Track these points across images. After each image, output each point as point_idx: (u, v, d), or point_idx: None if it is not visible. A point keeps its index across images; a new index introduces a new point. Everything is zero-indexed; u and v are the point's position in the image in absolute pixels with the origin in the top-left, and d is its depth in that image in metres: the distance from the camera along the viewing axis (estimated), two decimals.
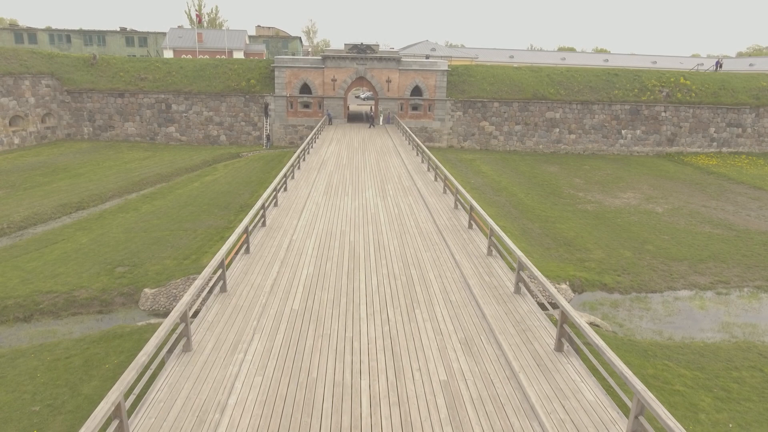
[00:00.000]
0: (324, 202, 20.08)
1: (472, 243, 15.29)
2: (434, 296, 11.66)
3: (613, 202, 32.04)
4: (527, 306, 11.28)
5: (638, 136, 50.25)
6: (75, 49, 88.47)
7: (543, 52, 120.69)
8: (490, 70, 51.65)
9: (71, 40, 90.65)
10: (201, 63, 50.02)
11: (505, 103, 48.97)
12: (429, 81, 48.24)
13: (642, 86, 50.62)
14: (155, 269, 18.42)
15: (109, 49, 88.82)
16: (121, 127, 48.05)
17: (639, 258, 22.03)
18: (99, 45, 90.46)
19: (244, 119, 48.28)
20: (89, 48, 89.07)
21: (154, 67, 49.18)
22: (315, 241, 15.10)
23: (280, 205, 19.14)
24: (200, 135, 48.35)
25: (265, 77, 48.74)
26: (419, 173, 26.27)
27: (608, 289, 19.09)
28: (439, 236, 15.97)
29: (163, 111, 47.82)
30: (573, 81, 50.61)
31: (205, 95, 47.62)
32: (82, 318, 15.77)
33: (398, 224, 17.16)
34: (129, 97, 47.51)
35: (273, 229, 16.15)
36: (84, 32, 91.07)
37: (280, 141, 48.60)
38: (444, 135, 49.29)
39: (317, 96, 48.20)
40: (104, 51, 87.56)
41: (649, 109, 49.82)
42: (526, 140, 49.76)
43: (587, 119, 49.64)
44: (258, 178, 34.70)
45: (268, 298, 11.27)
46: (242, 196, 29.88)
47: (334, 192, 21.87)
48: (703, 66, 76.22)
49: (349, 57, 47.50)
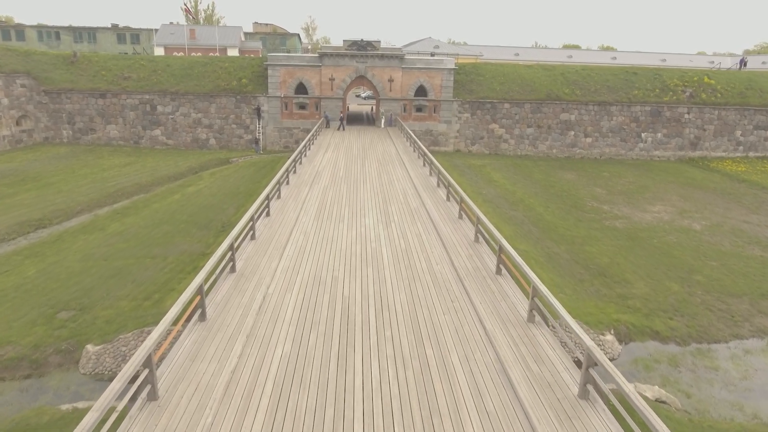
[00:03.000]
0: (314, 230, 16.56)
1: (505, 300, 11.60)
2: (461, 399, 8.02)
3: (644, 218, 28.56)
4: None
5: (659, 140, 46.71)
6: (65, 46, 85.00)
7: (549, 50, 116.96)
8: (500, 68, 48.11)
9: (61, 37, 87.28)
10: (189, 61, 46.53)
11: (516, 104, 45.44)
12: (434, 80, 44.72)
13: (663, 86, 47.06)
14: (106, 315, 15.00)
15: (100, 47, 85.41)
16: (103, 130, 44.59)
17: (689, 293, 18.57)
18: (90, 42, 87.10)
19: (235, 121, 44.81)
20: (79, 45, 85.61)
21: (138, 66, 45.69)
22: (298, 296, 11.57)
23: (260, 237, 15.49)
24: (188, 138, 44.88)
25: (258, 76, 45.25)
26: (428, 190, 22.64)
27: (661, 338, 15.63)
28: (460, 287, 12.35)
29: (147, 113, 44.35)
30: (589, 80, 47.07)
31: (193, 96, 44.15)
32: (2, 387, 12.37)
33: (406, 266, 13.62)
34: (111, 97, 44.03)
35: (244, 277, 12.44)
36: (74, 29, 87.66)
37: (274, 145, 45.13)
38: (450, 138, 45.80)
39: (314, 96, 44.71)
40: (95, 48, 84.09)
41: (671, 110, 46.27)
42: (539, 144, 46.25)
43: (604, 121, 46.10)
44: (246, 188, 31.25)
45: (217, 414, 7.46)
46: (226, 212, 26.45)
47: (327, 215, 18.28)
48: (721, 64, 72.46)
49: (349, 54, 43.99)
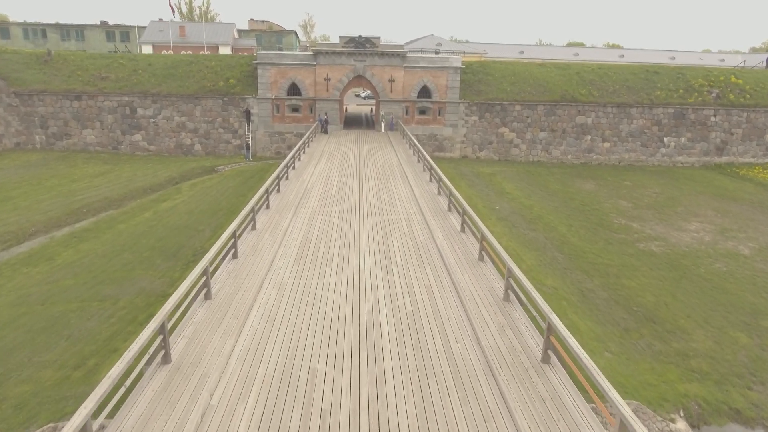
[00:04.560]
0: (293, 281, 12.54)
1: (564, 418, 7.43)
2: None
3: (681, 238, 24.95)
4: None
5: (683, 145, 43.06)
6: (52, 44, 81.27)
7: (554, 48, 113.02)
8: (510, 67, 44.44)
9: (47, 35, 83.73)
10: (172, 60, 42.90)
11: (528, 106, 41.78)
12: (439, 80, 41.07)
13: (687, 86, 43.39)
14: (18, 394, 11.43)
15: (88, 45, 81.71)
16: (79, 134, 41.00)
17: (761, 346, 14.97)
18: (77, 40, 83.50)
19: (222, 125, 41.20)
20: (67, 43, 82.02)
21: (117, 65, 42.08)
22: (254, 412, 7.53)
23: (217, 296, 11.26)
24: (171, 144, 41.28)
25: (247, 76, 41.62)
26: (437, 215, 18.75)
27: (744, 420, 12.05)
28: (491, 386, 8.36)
29: (127, 116, 40.75)
30: (607, 80, 43.40)
31: (176, 97, 40.53)
32: None
33: (414, 347, 9.61)
34: (87, 99, 40.43)
35: (181, 373, 8.25)
36: (61, 26, 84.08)
37: (265, 150, 41.53)
38: (456, 143, 42.15)
39: (308, 98, 41.08)
40: (83, 47, 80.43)
41: (696, 112, 42.60)
42: (553, 149, 42.61)
43: (624, 125, 42.44)
44: (229, 203, 27.67)
45: None
46: (201, 234, 22.88)
47: (312, 256, 14.35)
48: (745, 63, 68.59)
49: (346, 52, 40.35)
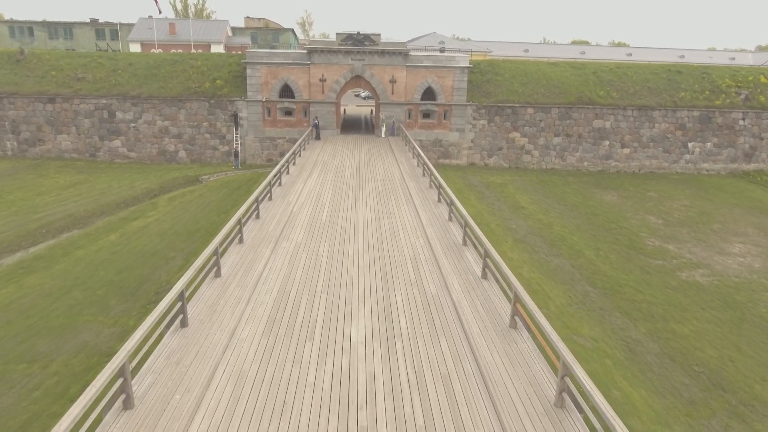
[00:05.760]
0: (257, 367, 8.89)
1: None
2: None
3: (727, 265, 21.64)
4: None
5: (708, 151, 39.71)
6: (39, 43, 78.13)
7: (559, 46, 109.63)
8: (521, 66, 41.09)
9: (34, 33, 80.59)
10: (155, 59, 39.58)
11: (541, 109, 38.44)
12: (445, 81, 37.72)
13: (713, 87, 40.03)
14: None
15: (77, 43, 78.45)
16: (53, 140, 37.72)
17: None
18: (66, 38, 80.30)
19: (209, 130, 37.89)
20: (55, 42, 78.79)
21: (95, 64, 38.78)
22: None
23: (141, 405, 7.72)
24: (153, 151, 37.98)
25: (235, 77, 38.30)
26: (450, 251, 14.90)
27: None
28: None
29: (105, 120, 37.45)
30: (627, 80, 40.04)
31: (158, 100, 37.22)
32: None
33: None
34: (61, 102, 37.15)
35: None
36: (48, 24, 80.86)
37: (255, 158, 38.23)
38: (464, 149, 38.83)
39: (302, 100, 37.77)
40: (72, 45, 77.15)
41: (723, 116, 39.25)
42: (567, 156, 39.27)
43: (645, 129, 39.08)
44: (208, 222, 24.39)
45: None
46: (171, 263, 19.60)
47: (288, 320, 10.59)
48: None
49: (343, 50, 37.01)
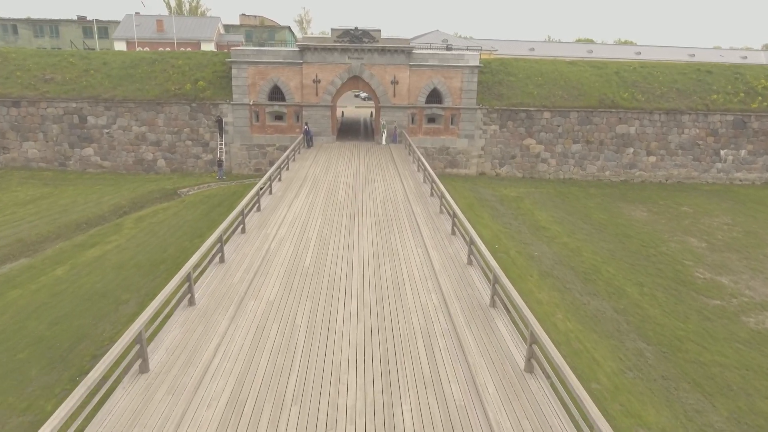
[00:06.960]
0: None
1: None
2: None
3: None
4: None
5: (742, 159, 35.99)
6: (23, 41, 74.62)
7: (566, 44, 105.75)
8: (536, 66, 37.33)
9: (18, 31, 76.99)
10: (131, 58, 35.85)
11: (558, 113, 34.73)
12: (452, 82, 34.01)
13: (748, 88, 36.28)
14: None
15: (63, 41, 74.88)
16: (19, 148, 34.05)
17: None
18: (52, 36, 76.77)
19: (191, 137, 34.21)
20: (40, 40, 75.26)
21: (66, 64, 35.09)
22: None
23: None
24: (129, 159, 34.30)
25: (220, 77, 34.61)
26: (476, 319, 10.43)
27: None
28: None
29: (76, 126, 33.78)
30: (652, 81, 36.29)
31: (134, 103, 33.54)
32: None
33: None
34: (27, 106, 33.47)
35: None
36: (33, 21, 77.25)
37: (242, 167, 34.53)
38: (473, 158, 35.11)
39: (293, 103, 34.06)
40: (58, 43, 73.63)
41: (759, 120, 35.54)
42: (587, 164, 35.56)
43: (673, 135, 35.36)
44: (177, 249, 20.69)
45: None
46: (123, 308, 15.92)
47: None
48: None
49: (339, 48, 33.30)
